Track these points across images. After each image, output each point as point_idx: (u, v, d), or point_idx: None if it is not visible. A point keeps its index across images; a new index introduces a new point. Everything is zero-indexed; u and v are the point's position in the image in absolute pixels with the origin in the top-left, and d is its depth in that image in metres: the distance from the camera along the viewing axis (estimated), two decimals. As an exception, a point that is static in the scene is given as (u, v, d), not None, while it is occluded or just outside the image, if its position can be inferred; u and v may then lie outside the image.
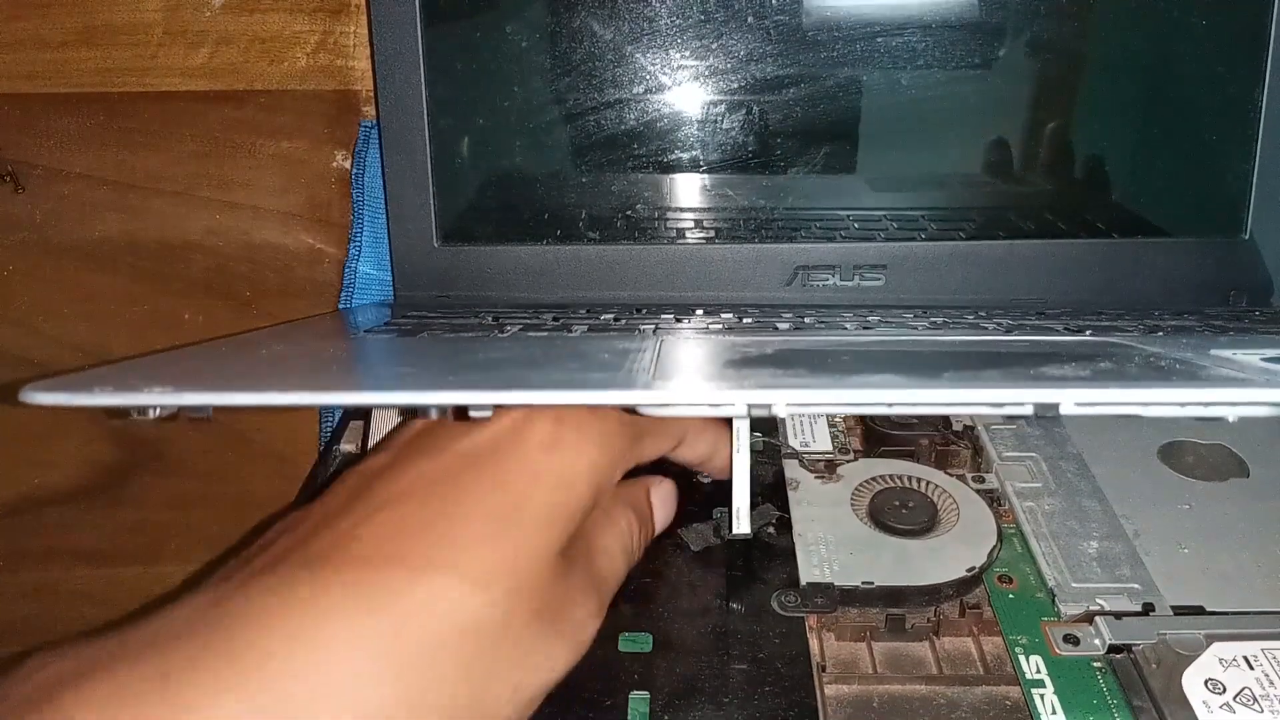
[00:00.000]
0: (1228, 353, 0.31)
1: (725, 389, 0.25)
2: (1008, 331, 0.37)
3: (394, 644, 0.24)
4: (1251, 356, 0.30)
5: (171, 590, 0.27)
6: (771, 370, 0.28)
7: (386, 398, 0.25)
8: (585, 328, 0.38)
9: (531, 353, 0.33)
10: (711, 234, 0.48)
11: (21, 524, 0.55)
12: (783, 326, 0.39)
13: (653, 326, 0.38)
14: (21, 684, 0.23)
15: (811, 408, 0.24)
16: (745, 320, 0.41)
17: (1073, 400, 0.23)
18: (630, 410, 0.25)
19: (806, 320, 0.41)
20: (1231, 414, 0.24)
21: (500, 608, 0.26)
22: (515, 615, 0.27)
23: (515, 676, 0.27)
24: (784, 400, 0.24)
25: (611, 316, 0.42)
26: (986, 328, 0.39)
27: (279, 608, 0.24)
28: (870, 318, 0.42)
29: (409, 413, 0.32)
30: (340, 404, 0.27)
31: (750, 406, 0.24)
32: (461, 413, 0.25)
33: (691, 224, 0.48)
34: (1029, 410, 0.24)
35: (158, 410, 0.24)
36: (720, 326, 0.39)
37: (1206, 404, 0.23)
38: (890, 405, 0.24)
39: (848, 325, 0.39)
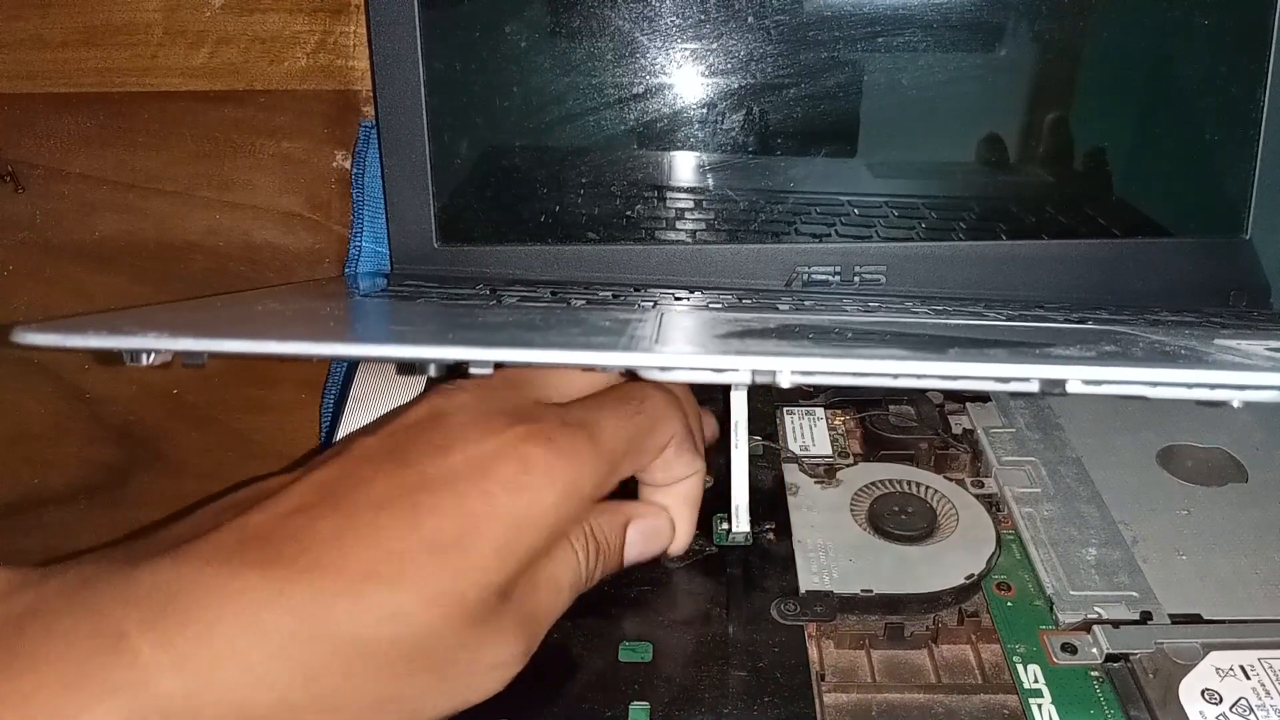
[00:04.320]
0: (1232, 343, 0.31)
1: (729, 355, 0.25)
2: (1010, 320, 0.37)
3: (309, 647, 0.25)
4: (1256, 346, 0.30)
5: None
6: (776, 342, 0.28)
7: (385, 351, 0.25)
8: (584, 302, 0.38)
9: (531, 319, 0.33)
10: (710, 234, 0.48)
11: (21, 524, 0.55)
12: (783, 308, 0.38)
13: (652, 302, 0.38)
14: None
15: (816, 376, 0.24)
16: (745, 301, 0.41)
17: (1080, 378, 0.23)
18: (632, 374, 0.25)
19: (807, 303, 0.41)
20: (1238, 398, 0.23)
21: (422, 635, 0.27)
22: (436, 646, 0.27)
23: (424, 703, 0.28)
24: (789, 367, 0.24)
25: (610, 294, 0.42)
26: (989, 315, 0.39)
27: (228, 589, 0.25)
28: (872, 303, 0.42)
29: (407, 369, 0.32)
30: (338, 356, 0.27)
31: (755, 372, 0.24)
32: (461, 370, 0.24)
33: (690, 224, 0.48)
34: (1035, 387, 0.23)
35: (152, 356, 0.24)
36: (720, 306, 0.39)
37: (1213, 385, 0.23)
38: (896, 376, 0.24)
39: (848, 308, 0.39)
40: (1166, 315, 0.41)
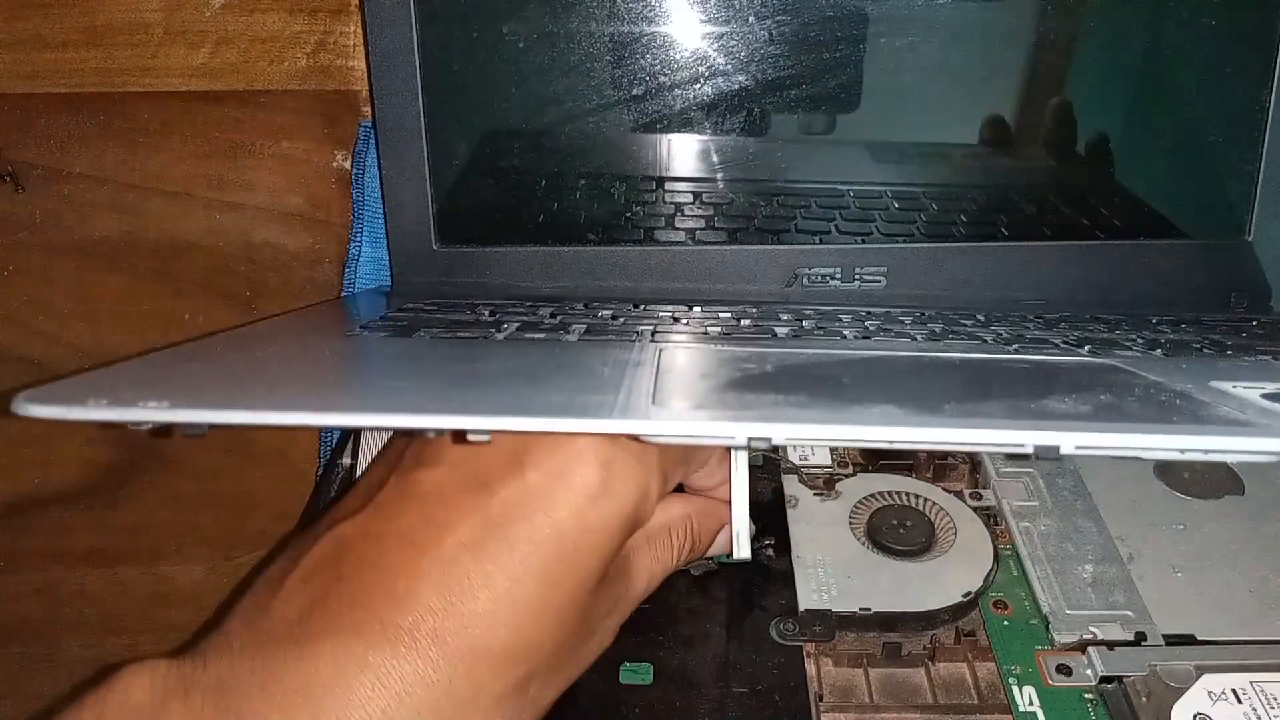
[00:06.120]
0: (1227, 385, 0.31)
1: (726, 420, 0.25)
2: (1006, 343, 0.38)
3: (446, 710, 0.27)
4: (1251, 392, 0.30)
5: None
6: (772, 395, 0.28)
7: (383, 419, 0.25)
8: (584, 327, 0.38)
9: (530, 365, 0.33)
10: (710, 236, 0.48)
11: (21, 524, 0.55)
12: (781, 332, 0.39)
13: (650, 329, 0.38)
14: (114, 696, 0.26)
15: (811, 442, 0.24)
16: (743, 323, 0.41)
17: (1073, 443, 0.23)
18: (633, 439, 0.25)
19: (805, 325, 0.41)
20: (1231, 459, 0.24)
21: (536, 666, 0.28)
22: (543, 663, 0.28)
23: (537, 706, 0.29)
24: (784, 434, 0.24)
25: (609, 314, 0.42)
26: (985, 339, 0.39)
27: (361, 686, 0.26)
28: (869, 324, 0.42)
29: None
30: (336, 425, 0.27)
31: (751, 439, 0.24)
32: (460, 436, 0.25)
33: (690, 225, 0.48)
34: (1029, 450, 0.24)
35: (152, 425, 0.24)
36: (719, 330, 0.39)
37: (1207, 451, 0.23)
38: (891, 443, 0.24)
39: (846, 333, 0.39)
40: (1166, 331, 0.41)
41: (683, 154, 0.48)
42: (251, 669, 0.26)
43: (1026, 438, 0.23)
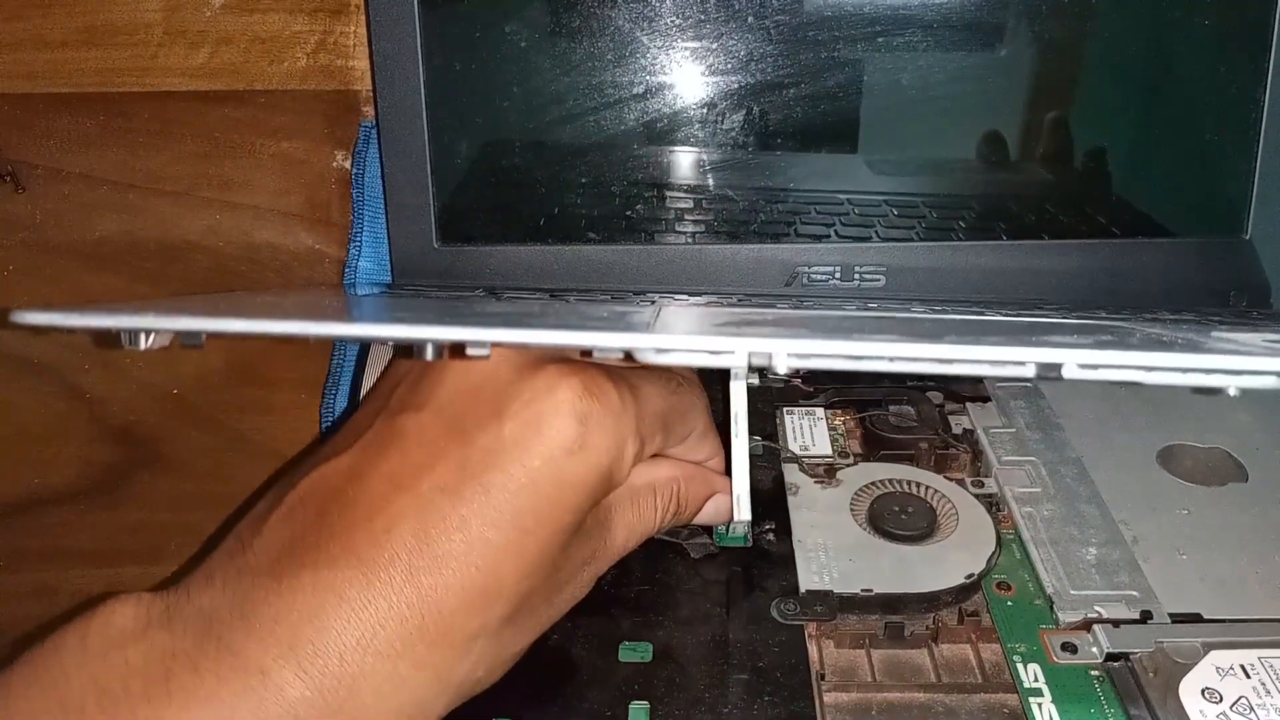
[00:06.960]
0: (1229, 334, 0.31)
1: (725, 337, 0.25)
2: (1008, 317, 0.37)
3: (425, 649, 0.27)
4: (1254, 337, 0.30)
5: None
6: (773, 328, 0.28)
7: (382, 331, 0.25)
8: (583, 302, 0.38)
9: (529, 309, 0.33)
10: (710, 235, 0.48)
11: (21, 524, 0.55)
12: (783, 306, 0.38)
13: (651, 301, 0.38)
14: (97, 623, 0.26)
15: (813, 359, 0.24)
16: (742, 301, 0.41)
17: (1076, 361, 0.23)
18: (628, 356, 0.25)
19: (805, 303, 0.41)
20: (1234, 384, 0.23)
21: (507, 609, 0.29)
22: (519, 609, 0.29)
23: (510, 650, 0.30)
24: (784, 350, 0.24)
25: (609, 297, 0.42)
26: (987, 314, 0.39)
27: (345, 614, 0.26)
28: (871, 304, 0.42)
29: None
30: (335, 336, 0.27)
31: (751, 354, 0.24)
32: (459, 350, 0.24)
33: (690, 224, 0.48)
34: (1031, 370, 0.23)
35: (151, 337, 0.24)
36: (719, 305, 0.39)
37: (1210, 370, 0.23)
38: (891, 359, 0.24)
39: (846, 307, 0.39)
40: (1165, 314, 0.41)
41: (683, 153, 0.48)
42: (232, 600, 0.26)
43: (1028, 354, 0.23)
